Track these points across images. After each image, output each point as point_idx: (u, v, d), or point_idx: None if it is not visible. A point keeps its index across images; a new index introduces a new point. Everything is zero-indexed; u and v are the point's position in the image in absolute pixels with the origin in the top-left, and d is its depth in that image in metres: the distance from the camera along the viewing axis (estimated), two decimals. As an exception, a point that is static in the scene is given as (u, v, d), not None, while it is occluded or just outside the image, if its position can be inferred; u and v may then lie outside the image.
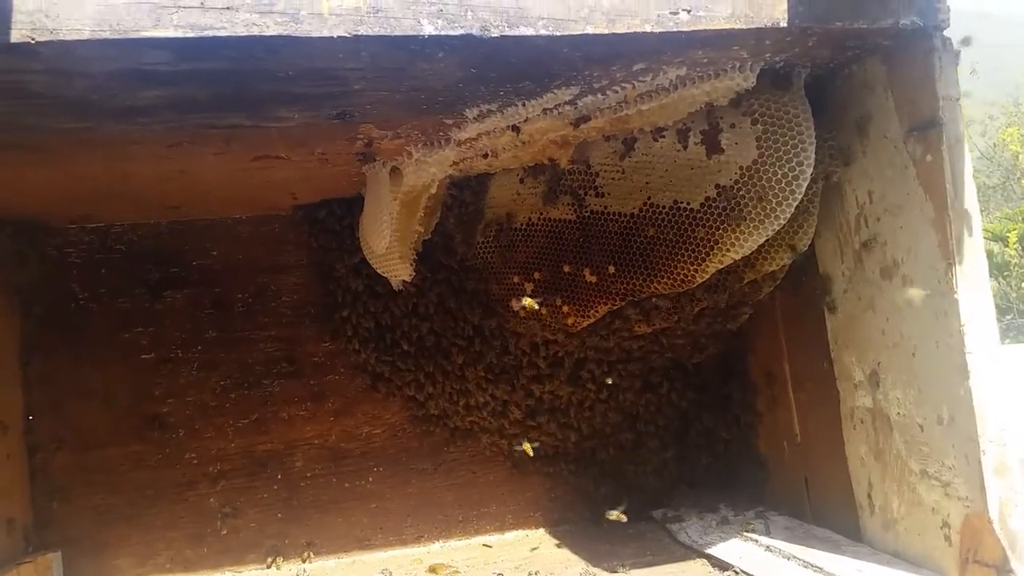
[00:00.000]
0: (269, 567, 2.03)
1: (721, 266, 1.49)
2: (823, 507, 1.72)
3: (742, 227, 1.44)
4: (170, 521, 2.01)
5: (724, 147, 1.46)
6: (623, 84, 1.39)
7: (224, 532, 2.04)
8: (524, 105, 1.46)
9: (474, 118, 1.49)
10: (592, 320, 1.70)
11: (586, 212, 1.66)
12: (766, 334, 1.89)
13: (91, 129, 1.38)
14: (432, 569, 1.91)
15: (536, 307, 1.68)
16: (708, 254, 1.49)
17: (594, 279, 1.66)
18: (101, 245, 2.05)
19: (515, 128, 1.55)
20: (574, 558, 1.88)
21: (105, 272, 2.04)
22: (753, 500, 1.99)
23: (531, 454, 1.96)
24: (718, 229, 1.47)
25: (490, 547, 2.06)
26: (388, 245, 1.80)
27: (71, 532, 1.95)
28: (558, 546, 2.01)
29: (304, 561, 2.04)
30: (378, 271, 1.90)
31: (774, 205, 1.41)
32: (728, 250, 1.47)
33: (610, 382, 1.90)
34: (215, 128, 1.45)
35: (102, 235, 2.05)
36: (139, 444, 2.02)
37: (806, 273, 1.64)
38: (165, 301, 2.06)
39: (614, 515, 1.82)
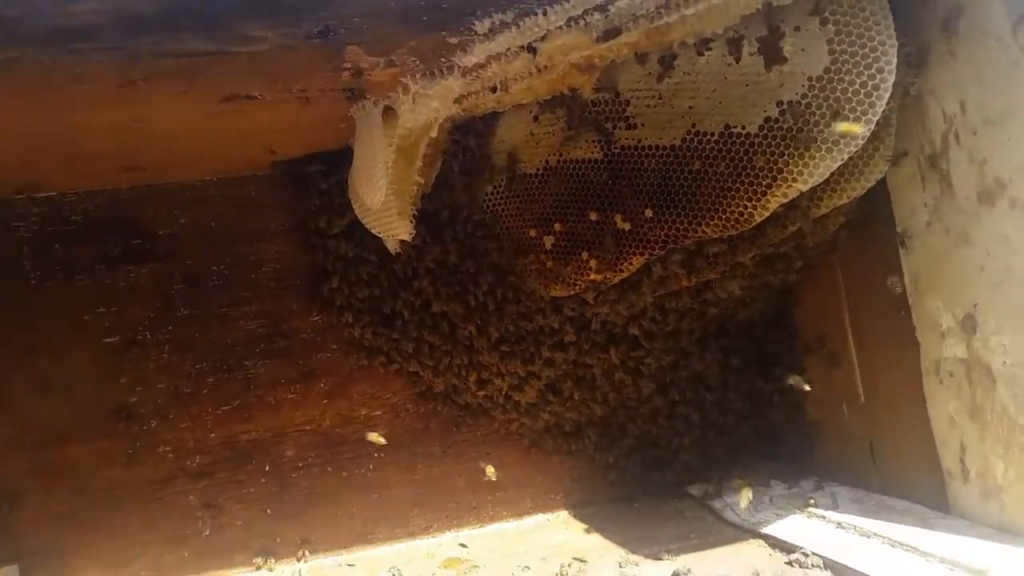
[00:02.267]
0: (259, 569, 1.80)
1: (785, 200, 1.27)
2: (896, 476, 1.51)
3: (812, 151, 1.22)
4: (144, 524, 1.78)
5: (787, 55, 1.23)
6: (667, -20, 1.15)
7: (207, 533, 1.81)
8: (544, 14, 1.22)
9: (484, 34, 1.25)
10: (625, 274, 1.47)
11: (615, 149, 1.43)
12: (819, 282, 1.67)
13: (16, 61, 1.12)
14: (447, 564, 1.69)
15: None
16: (769, 187, 1.26)
17: (627, 226, 1.43)
18: (54, 217, 1.79)
19: (531, 48, 1.31)
20: (608, 544, 1.67)
21: (60, 247, 1.79)
22: (802, 471, 1.78)
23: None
24: (782, 156, 1.24)
25: (507, 536, 1.84)
26: (384, 200, 1.56)
27: (29, 541, 1.71)
28: (587, 531, 1.79)
29: (299, 560, 1.82)
30: (373, 231, 1.65)
31: (852, 122, 1.18)
32: (794, 180, 1.24)
33: (644, 346, 1.67)
34: (173, 56, 1.19)
35: (54, 205, 1.80)
36: (105, 439, 1.78)
37: (872, 207, 1.42)
38: (129, 277, 1.81)
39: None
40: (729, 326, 1.78)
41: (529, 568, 1.58)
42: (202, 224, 1.84)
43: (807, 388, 1.62)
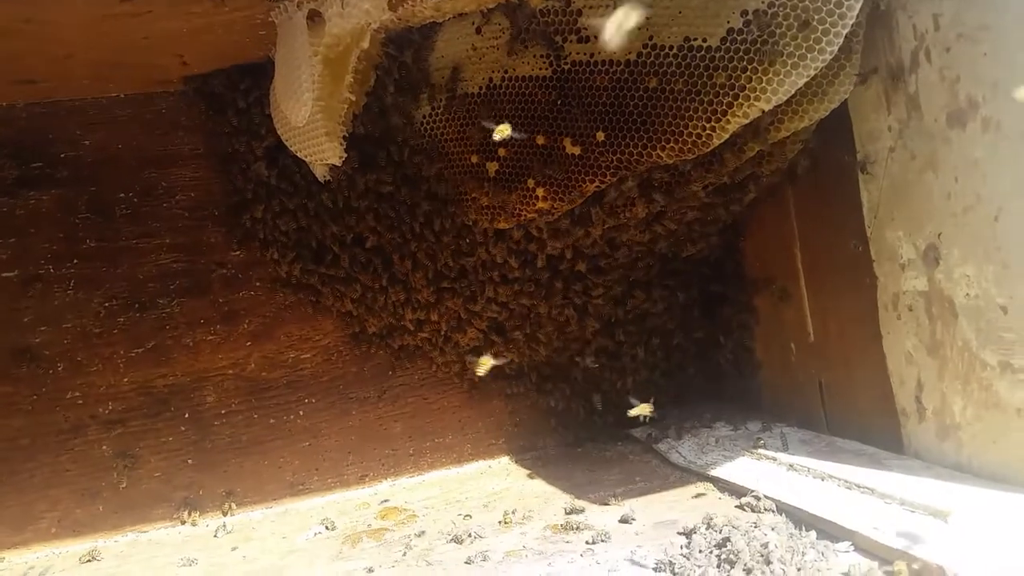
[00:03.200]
0: (183, 523, 1.68)
1: (745, 121, 1.18)
2: (846, 417, 1.47)
3: (777, 65, 1.12)
4: (53, 476, 1.64)
5: (754, -41, 1.13)
6: None
7: (123, 485, 1.67)
8: (491, -99, 1.08)
9: (422, -76, 1.11)
10: (575, 204, 1.37)
11: (565, 64, 1.31)
12: (769, 215, 1.60)
13: None
14: (384, 514, 1.60)
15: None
16: (730, 106, 1.17)
17: (577, 150, 1.32)
18: (-63, 136, 1.60)
19: (474, -54, 1.18)
20: (551, 490, 1.60)
21: (-55, 170, 1.61)
22: (748, 412, 1.74)
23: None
24: (744, 71, 1.15)
25: (447, 484, 1.75)
26: (310, 117, 1.41)
27: (-79, 497, 1.56)
28: (529, 476, 1.72)
29: (225, 514, 1.70)
30: (298, 154, 1.50)
31: (820, 34, 1.09)
32: (756, 99, 1.15)
33: (592, 281, 1.58)
34: (57, -62, 1.03)
35: (-64, 122, 1.60)
36: (7, 384, 1.63)
37: (830, 131, 1.34)
38: (28, 204, 1.64)
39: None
40: (676, 261, 1.70)
41: (471, 516, 1.50)
42: (108, 146, 1.67)
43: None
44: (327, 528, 1.54)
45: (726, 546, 1.10)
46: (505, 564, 1.23)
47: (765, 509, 1.27)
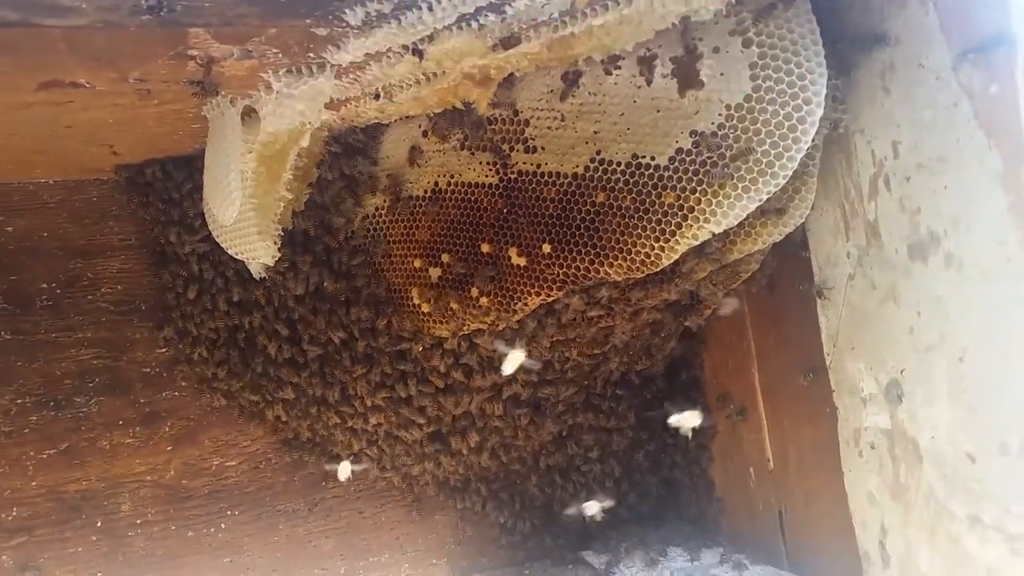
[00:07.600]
0: (85, 644, 1.52)
1: (696, 242, 1.11)
2: (807, 552, 1.37)
3: (727, 189, 1.06)
4: (-57, 592, 1.48)
5: (704, 79, 1.07)
6: (572, -20, 0.98)
7: (23, 601, 1.52)
8: (430, 8, 1.03)
9: (358, 27, 1.05)
10: (520, 316, 1.29)
11: (512, 173, 1.25)
12: (726, 330, 1.52)
13: None
14: (304, 645, 1.45)
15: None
16: (679, 227, 1.10)
17: (523, 261, 1.25)
18: None
19: (417, 51, 1.12)
20: (491, 621, 1.47)
21: None
22: (705, 539, 1.62)
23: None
24: (693, 192, 1.09)
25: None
26: (241, 215, 1.33)
27: None
28: (470, 603, 1.59)
29: (133, 635, 1.54)
30: (228, 251, 1.42)
31: (773, 158, 1.04)
32: (707, 221, 1.09)
33: (539, 397, 1.49)
34: (-38, 25, 0.95)
35: None
36: (-101, 486, 1.48)
37: (789, 254, 1.28)
38: (-60, 293, 1.53)
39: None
40: (631, 373, 1.61)
41: (397, 650, 1.36)
42: (33, 234, 1.57)
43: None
44: (237, 664, 1.39)
45: None
46: None
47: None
